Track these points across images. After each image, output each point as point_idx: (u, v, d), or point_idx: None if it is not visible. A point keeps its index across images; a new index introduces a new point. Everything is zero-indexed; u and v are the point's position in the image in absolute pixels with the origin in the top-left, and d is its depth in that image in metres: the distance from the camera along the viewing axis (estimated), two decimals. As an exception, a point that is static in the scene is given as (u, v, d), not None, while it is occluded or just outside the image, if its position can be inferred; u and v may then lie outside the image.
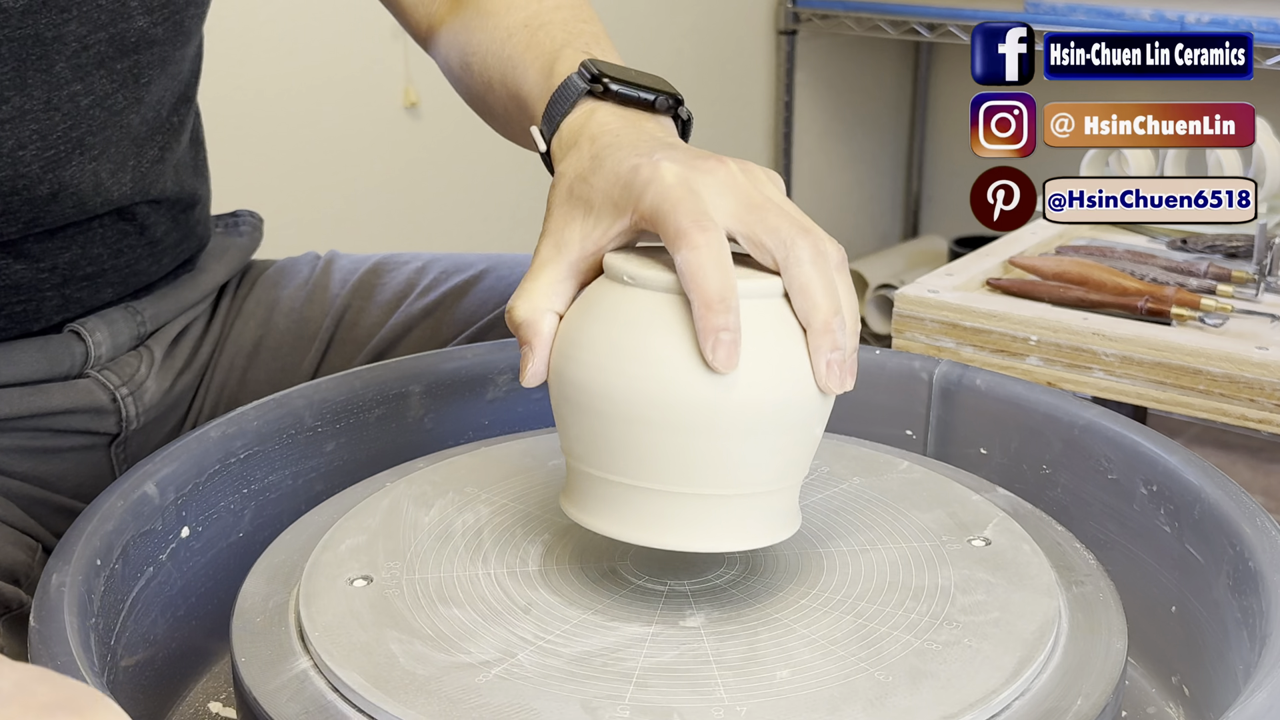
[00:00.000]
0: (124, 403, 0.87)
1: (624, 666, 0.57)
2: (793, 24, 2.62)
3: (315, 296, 0.98)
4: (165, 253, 0.90)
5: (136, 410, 0.88)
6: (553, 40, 0.77)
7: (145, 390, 0.89)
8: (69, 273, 0.84)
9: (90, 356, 0.86)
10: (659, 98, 0.71)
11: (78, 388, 0.86)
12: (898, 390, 0.83)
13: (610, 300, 0.60)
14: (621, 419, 0.58)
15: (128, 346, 0.89)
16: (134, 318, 0.89)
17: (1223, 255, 1.33)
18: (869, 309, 2.69)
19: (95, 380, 0.87)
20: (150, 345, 0.91)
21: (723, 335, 0.56)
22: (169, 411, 0.91)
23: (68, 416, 0.85)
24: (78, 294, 0.85)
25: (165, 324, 0.92)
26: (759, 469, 0.59)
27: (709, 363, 0.56)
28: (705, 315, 0.56)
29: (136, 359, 0.89)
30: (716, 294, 0.56)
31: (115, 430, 0.87)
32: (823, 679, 0.56)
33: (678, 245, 0.57)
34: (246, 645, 0.60)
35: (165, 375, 0.91)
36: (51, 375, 0.85)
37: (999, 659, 0.57)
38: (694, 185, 0.60)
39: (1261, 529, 0.63)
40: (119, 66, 0.80)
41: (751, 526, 0.60)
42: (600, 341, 0.59)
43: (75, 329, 0.86)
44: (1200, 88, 2.37)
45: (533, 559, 0.66)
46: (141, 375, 0.89)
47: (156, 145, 0.86)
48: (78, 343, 0.86)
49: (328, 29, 1.96)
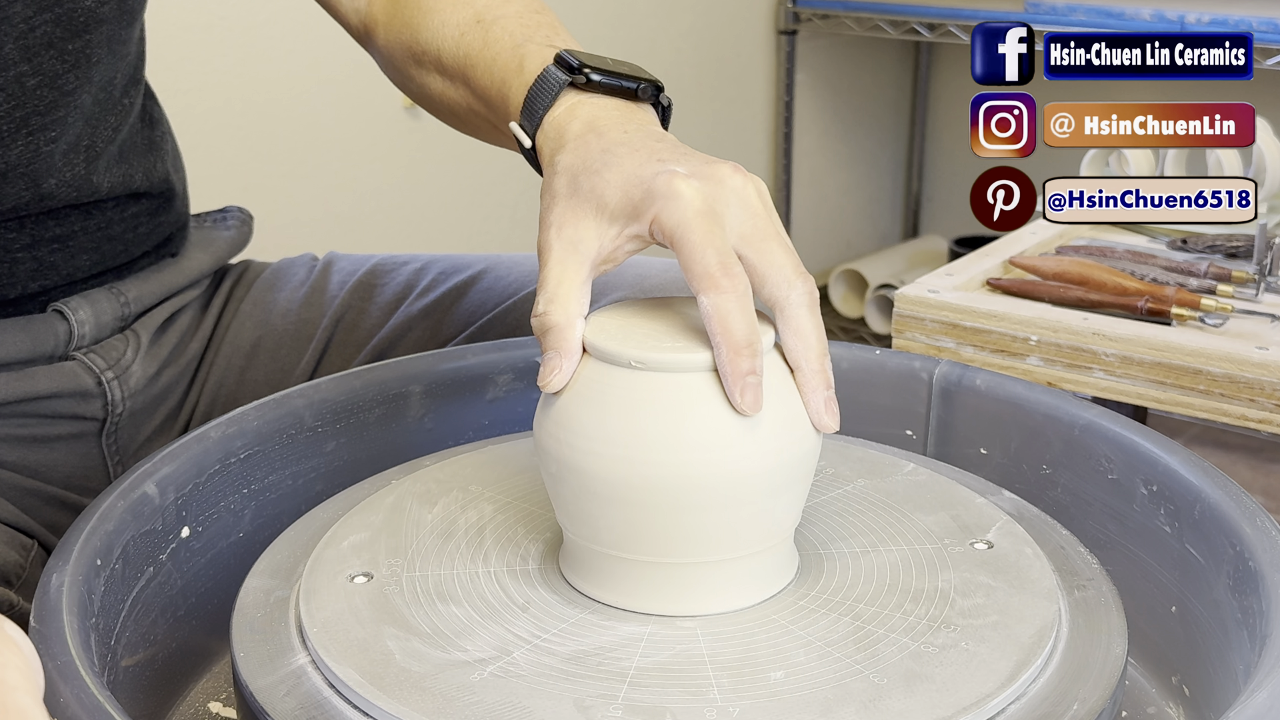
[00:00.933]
0: (109, 386, 0.88)
1: (619, 666, 0.57)
2: (793, 24, 2.62)
3: (313, 298, 0.98)
4: (139, 224, 0.90)
5: (122, 394, 0.88)
6: (511, 35, 0.76)
7: (131, 374, 0.89)
8: (37, 233, 0.84)
9: (74, 335, 0.86)
10: (640, 85, 0.71)
11: (63, 370, 0.86)
12: (898, 390, 0.83)
13: (597, 379, 0.60)
14: (635, 504, 0.59)
15: (112, 328, 0.89)
16: (117, 298, 0.89)
17: (1223, 255, 1.33)
18: (869, 309, 2.69)
19: (81, 363, 0.87)
20: (137, 329, 0.91)
21: (749, 379, 0.58)
22: (156, 403, 0.92)
23: (54, 401, 0.85)
24: (50, 258, 0.85)
25: (151, 308, 0.92)
26: (760, 532, 0.61)
27: (736, 406, 0.58)
28: (733, 360, 0.58)
29: (123, 342, 0.90)
30: (744, 339, 0.58)
31: (101, 415, 0.88)
32: (817, 680, 0.56)
33: (704, 287, 0.58)
34: (246, 640, 0.60)
35: (151, 361, 0.91)
36: (35, 355, 0.85)
37: (996, 663, 0.57)
38: (716, 208, 0.60)
39: (1261, 529, 0.63)
40: (69, 48, 0.80)
41: (750, 582, 0.62)
42: (589, 423, 0.59)
43: (59, 308, 0.86)
44: (1200, 88, 2.37)
45: (533, 558, 0.66)
46: (127, 359, 0.89)
47: (109, 126, 0.86)
48: (61, 322, 0.86)
49: (328, 29, 1.95)
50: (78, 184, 0.84)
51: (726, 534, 0.60)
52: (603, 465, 0.59)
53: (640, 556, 0.60)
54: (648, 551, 0.60)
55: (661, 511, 0.59)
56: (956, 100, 2.90)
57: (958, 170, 2.92)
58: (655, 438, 0.58)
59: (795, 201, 2.75)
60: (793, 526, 0.63)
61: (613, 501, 0.59)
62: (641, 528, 0.59)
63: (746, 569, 0.61)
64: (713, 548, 0.60)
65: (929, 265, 2.66)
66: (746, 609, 0.61)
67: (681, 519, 0.59)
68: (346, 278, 1.00)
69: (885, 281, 2.66)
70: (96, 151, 0.85)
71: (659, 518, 0.59)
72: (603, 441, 0.59)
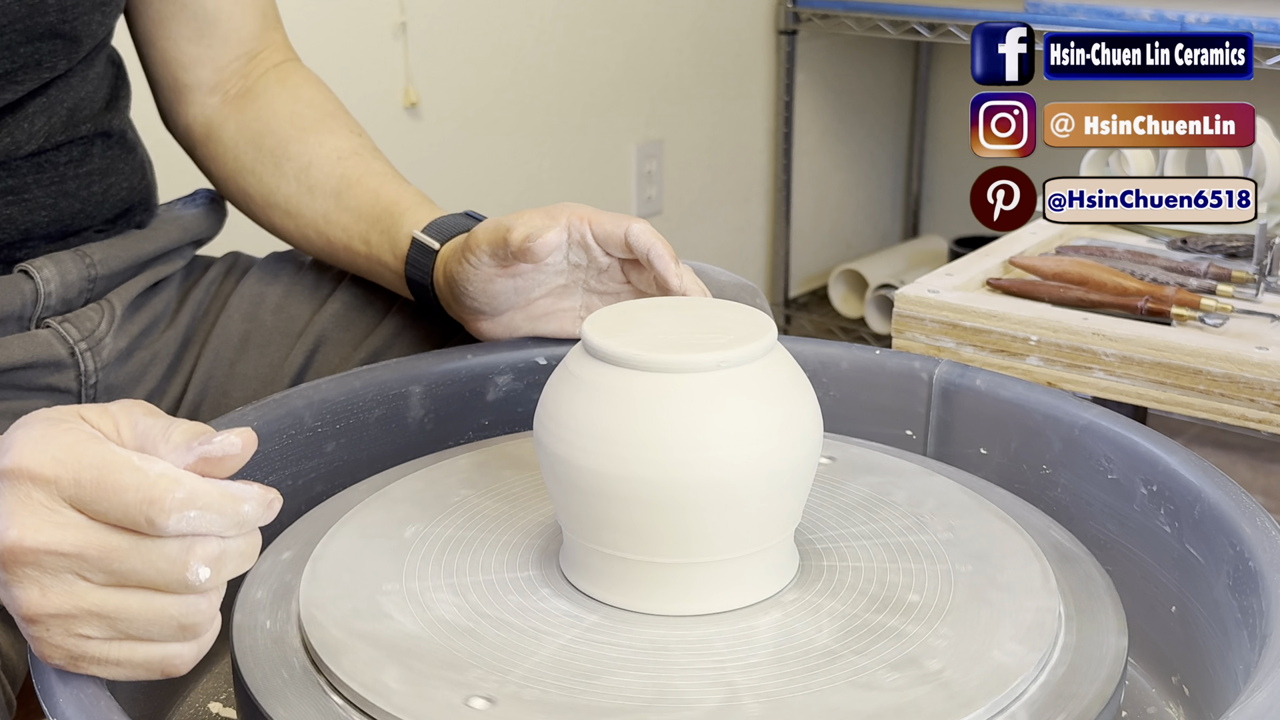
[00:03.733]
0: (82, 357, 0.89)
1: (619, 665, 0.57)
2: (793, 24, 2.62)
3: (306, 293, 0.98)
4: (92, 180, 0.91)
5: (95, 365, 0.89)
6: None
7: (104, 346, 0.90)
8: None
9: (40, 294, 0.87)
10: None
11: (37, 339, 0.87)
12: (898, 390, 0.83)
13: (597, 380, 0.60)
14: (634, 504, 0.59)
15: (79, 289, 0.90)
16: (82, 260, 0.90)
17: (1223, 255, 1.33)
18: (869, 309, 2.69)
19: (55, 331, 0.88)
20: (111, 300, 0.92)
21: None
22: (130, 382, 0.92)
23: (28, 372, 0.87)
24: (6, 210, 0.86)
25: (121, 279, 0.93)
26: (760, 532, 0.61)
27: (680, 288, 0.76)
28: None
29: (97, 313, 0.91)
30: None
31: (75, 387, 0.89)
32: (817, 680, 0.56)
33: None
34: (247, 644, 0.60)
35: (123, 336, 0.92)
36: (3, 314, 0.86)
37: (997, 660, 0.57)
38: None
39: (1261, 529, 0.63)
40: (22, 51, 0.83)
41: (750, 582, 0.62)
42: (589, 423, 0.60)
43: (24, 268, 0.87)
44: (1200, 87, 2.37)
45: (533, 558, 0.66)
46: (101, 331, 0.90)
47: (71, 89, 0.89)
48: (26, 281, 0.87)
49: (327, 29, 1.96)
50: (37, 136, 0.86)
51: (726, 534, 0.60)
52: (603, 465, 0.59)
53: (640, 556, 0.60)
54: (648, 551, 0.60)
55: (661, 511, 0.59)
56: (956, 100, 2.90)
57: (958, 170, 2.92)
58: (655, 438, 0.58)
59: (795, 201, 2.75)
60: (793, 526, 0.63)
61: (612, 501, 0.59)
62: (641, 528, 0.59)
63: (747, 569, 0.61)
64: (713, 547, 0.60)
65: (929, 265, 2.66)
66: (746, 608, 0.61)
67: (681, 519, 0.59)
68: (341, 273, 1.00)
69: (885, 281, 2.66)
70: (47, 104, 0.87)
71: (659, 517, 0.59)
72: (603, 441, 0.59)
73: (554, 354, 0.84)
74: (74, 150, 0.90)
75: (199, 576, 0.50)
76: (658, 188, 2.50)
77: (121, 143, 0.95)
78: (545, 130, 2.29)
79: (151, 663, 0.53)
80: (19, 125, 0.86)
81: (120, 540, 0.50)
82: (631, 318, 0.63)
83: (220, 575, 0.51)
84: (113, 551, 0.50)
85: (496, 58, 2.19)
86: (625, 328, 0.62)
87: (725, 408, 0.58)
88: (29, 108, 0.86)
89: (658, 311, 0.65)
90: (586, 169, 2.37)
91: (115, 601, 0.51)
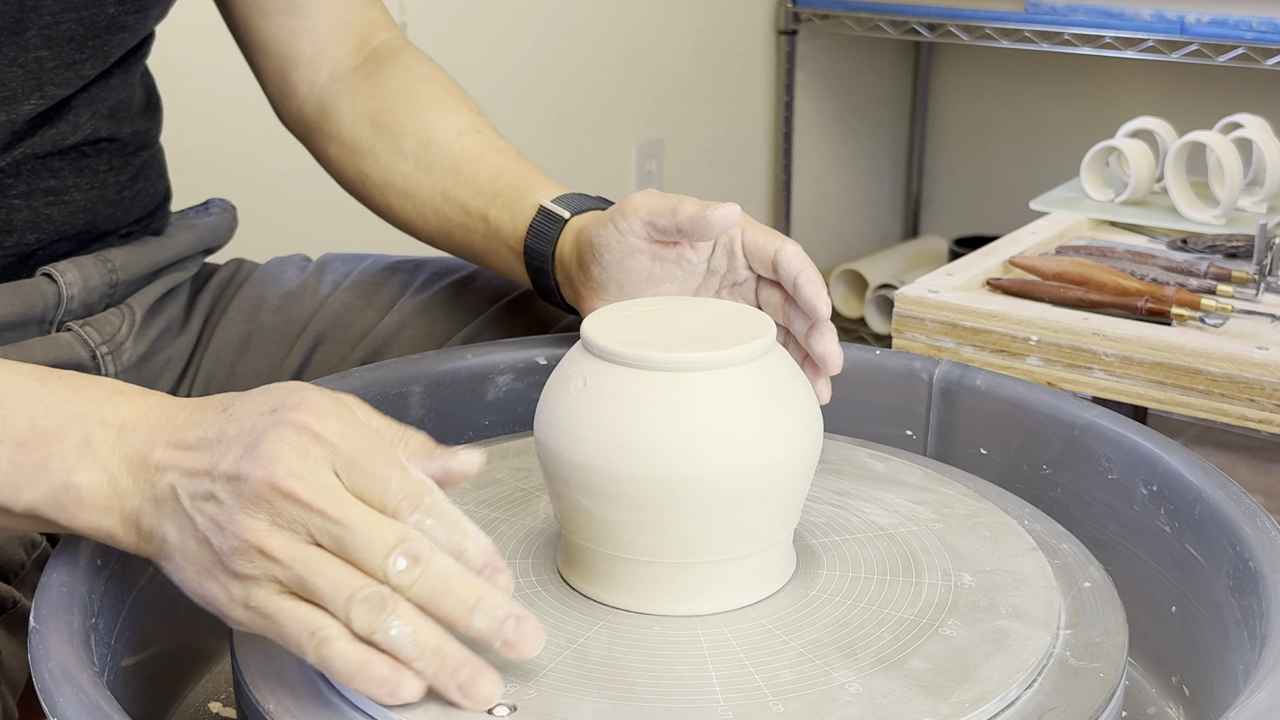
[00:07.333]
0: (103, 360, 0.89)
1: (619, 666, 0.57)
2: (793, 24, 2.62)
3: (305, 295, 0.99)
4: (123, 185, 0.92)
5: (115, 369, 0.90)
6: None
7: (124, 351, 0.91)
8: (32, 183, 0.85)
9: (63, 299, 0.87)
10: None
11: (59, 342, 0.87)
12: (898, 390, 0.83)
13: (597, 379, 0.60)
14: (634, 504, 0.59)
15: (100, 294, 0.90)
16: (104, 265, 0.90)
17: (1223, 255, 1.33)
18: (869, 309, 2.69)
19: (76, 335, 0.88)
20: (131, 304, 0.92)
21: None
22: (147, 387, 0.92)
23: None
24: (46, 210, 0.86)
25: (141, 284, 0.93)
26: (759, 532, 0.61)
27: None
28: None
29: (118, 317, 0.91)
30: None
31: None
32: (815, 680, 0.56)
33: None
34: (247, 644, 0.60)
35: (142, 341, 0.92)
36: (26, 319, 0.86)
37: (994, 663, 0.57)
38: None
39: (1261, 529, 0.63)
40: (90, 44, 0.84)
41: (748, 582, 0.62)
42: (589, 423, 0.59)
43: (47, 272, 0.87)
44: (1202, 87, 2.37)
45: (532, 558, 0.66)
46: (122, 335, 0.91)
47: (112, 92, 0.89)
48: (50, 284, 0.87)
49: (328, 29, 1.96)
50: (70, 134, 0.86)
51: (725, 534, 0.60)
52: (602, 465, 0.59)
53: (639, 556, 0.60)
54: (646, 552, 0.60)
55: (661, 511, 0.59)
56: (957, 100, 2.90)
57: (958, 170, 2.92)
58: (655, 437, 0.58)
59: (795, 201, 2.75)
60: (792, 526, 0.63)
61: (612, 501, 0.59)
62: (640, 528, 0.59)
63: (745, 569, 0.61)
64: (711, 548, 0.60)
65: (929, 265, 2.66)
66: (745, 608, 0.61)
67: (680, 519, 0.59)
68: (340, 277, 1.00)
69: (885, 281, 2.66)
70: (91, 112, 0.88)
71: (658, 518, 0.59)
72: (602, 441, 0.59)
73: (554, 354, 0.84)
74: (113, 151, 0.90)
75: (396, 565, 0.52)
76: (658, 188, 2.48)
77: (152, 148, 0.96)
78: (545, 130, 2.29)
79: (304, 633, 0.53)
80: (64, 117, 0.86)
81: (359, 513, 0.53)
82: (631, 317, 0.63)
83: (412, 577, 0.52)
84: (349, 516, 0.53)
85: (496, 58, 2.19)
86: (625, 327, 0.62)
87: (725, 407, 0.59)
88: (75, 100, 0.87)
89: (658, 311, 0.65)
90: (587, 169, 2.37)
91: (317, 559, 0.52)
